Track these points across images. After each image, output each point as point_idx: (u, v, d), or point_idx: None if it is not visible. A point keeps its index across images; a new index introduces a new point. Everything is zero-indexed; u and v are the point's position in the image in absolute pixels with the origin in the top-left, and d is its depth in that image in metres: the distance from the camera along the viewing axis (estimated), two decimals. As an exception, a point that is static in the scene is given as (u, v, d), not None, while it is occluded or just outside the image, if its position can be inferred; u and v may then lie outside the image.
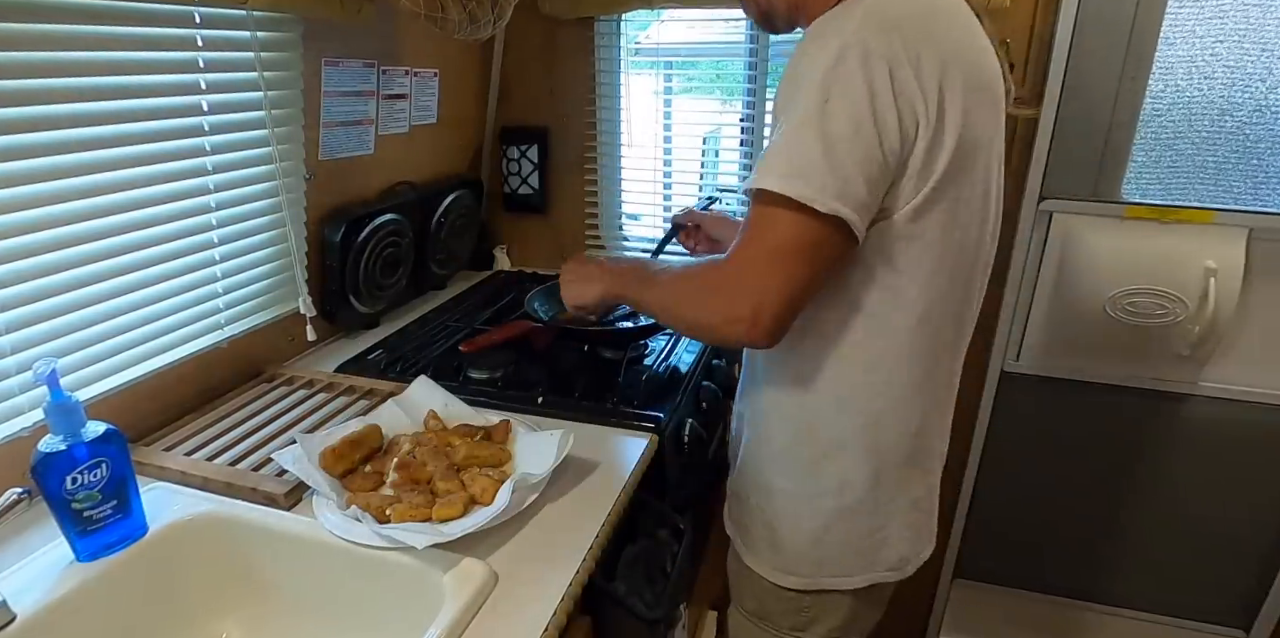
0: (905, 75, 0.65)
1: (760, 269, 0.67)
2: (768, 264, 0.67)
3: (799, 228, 0.65)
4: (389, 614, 0.76)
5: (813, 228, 0.65)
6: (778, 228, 0.66)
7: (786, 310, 0.67)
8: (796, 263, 0.66)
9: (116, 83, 0.86)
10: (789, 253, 0.66)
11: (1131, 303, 1.38)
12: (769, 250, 0.67)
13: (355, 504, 0.78)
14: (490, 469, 0.86)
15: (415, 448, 0.88)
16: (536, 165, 1.65)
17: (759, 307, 0.66)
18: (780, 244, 0.66)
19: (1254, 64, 1.29)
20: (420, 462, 0.85)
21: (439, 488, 0.81)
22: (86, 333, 0.88)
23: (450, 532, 0.73)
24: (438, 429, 0.93)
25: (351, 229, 1.22)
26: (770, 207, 0.66)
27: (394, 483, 0.83)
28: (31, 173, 0.79)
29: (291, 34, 1.08)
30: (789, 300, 0.67)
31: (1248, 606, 1.62)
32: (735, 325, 0.68)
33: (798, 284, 0.67)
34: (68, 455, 0.69)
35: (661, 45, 1.63)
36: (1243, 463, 1.51)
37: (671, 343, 1.28)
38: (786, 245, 0.66)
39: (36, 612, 0.67)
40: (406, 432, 0.92)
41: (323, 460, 0.84)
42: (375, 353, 1.23)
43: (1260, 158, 1.33)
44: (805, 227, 0.65)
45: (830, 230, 0.66)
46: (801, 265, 0.66)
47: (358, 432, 0.89)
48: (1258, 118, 1.31)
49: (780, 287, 0.66)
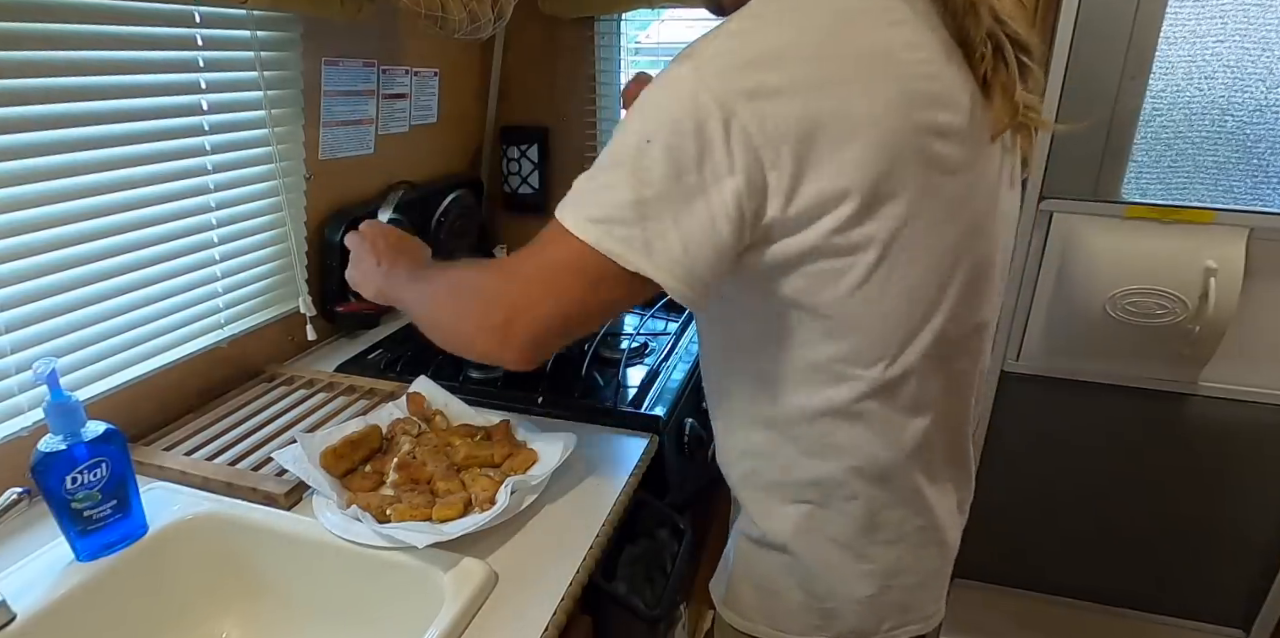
0: (755, 117, 0.54)
1: (529, 278, 0.61)
2: (539, 277, 0.60)
3: (585, 258, 0.58)
4: (389, 614, 0.76)
5: (598, 262, 0.58)
6: (562, 248, 0.59)
7: (544, 330, 0.61)
8: (571, 285, 0.59)
9: (116, 82, 0.86)
10: (565, 272, 0.59)
11: (1131, 303, 1.38)
12: (545, 264, 0.60)
13: (355, 504, 0.78)
14: (490, 469, 0.86)
15: (415, 448, 0.88)
16: (536, 165, 1.65)
17: (513, 317, 0.61)
18: (559, 261, 0.59)
19: (1254, 64, 1.29)
20: (420, 462, 0.85)
21: (439, 488, 0.81)
22: (86, 332, 0.88)
23: (450, 531, 0.73)
24: (439, 429, 0.93)
25: (351, 229, 1.21)
26: (564, 232, 0.58)
27: (394, 483, 0.83)
28: (31, 172, 0.79)
29: (291, 33, 1.08)
30: (549, 318, 0.60)
31: (1248, 606, 1.62)
32: (486, 334, 0.62)
33: (567, 305, 0.60)
34: (68, 455, 0.69)
35: (662, 45, 1.63)
36: (1243, 463, 1.51)
37: (672, 343, 1.28)
38: (567, 265, 0.59)
39: (36, 612, 0.67)
40: (411, 431, 0.92)
41: (323, 460, 0.84)
42: (375, 353, 1.23)
43: (1260, 158, 1.33)
44: (592, 258, 0.58)
45: (626, 278, 0.58)
46: (575, 288, 0.59)
47: (358, 432, 0.89)
48: (1258, 118, 1.31)
49: (544, 300, 0.60)
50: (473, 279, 0.68)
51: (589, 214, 0.58)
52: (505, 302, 0.62)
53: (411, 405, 0.97)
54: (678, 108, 0.55)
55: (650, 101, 0.57)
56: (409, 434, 0.91)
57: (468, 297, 0.67)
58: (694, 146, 0.55)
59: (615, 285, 0.59)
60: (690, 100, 0.54)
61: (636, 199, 0.56)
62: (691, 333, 1.34)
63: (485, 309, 0.63)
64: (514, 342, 0.61)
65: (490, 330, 0.62)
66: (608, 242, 0.57)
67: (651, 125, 0.56)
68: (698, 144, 0.54)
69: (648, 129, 0.56)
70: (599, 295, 0.60)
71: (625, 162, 0.57)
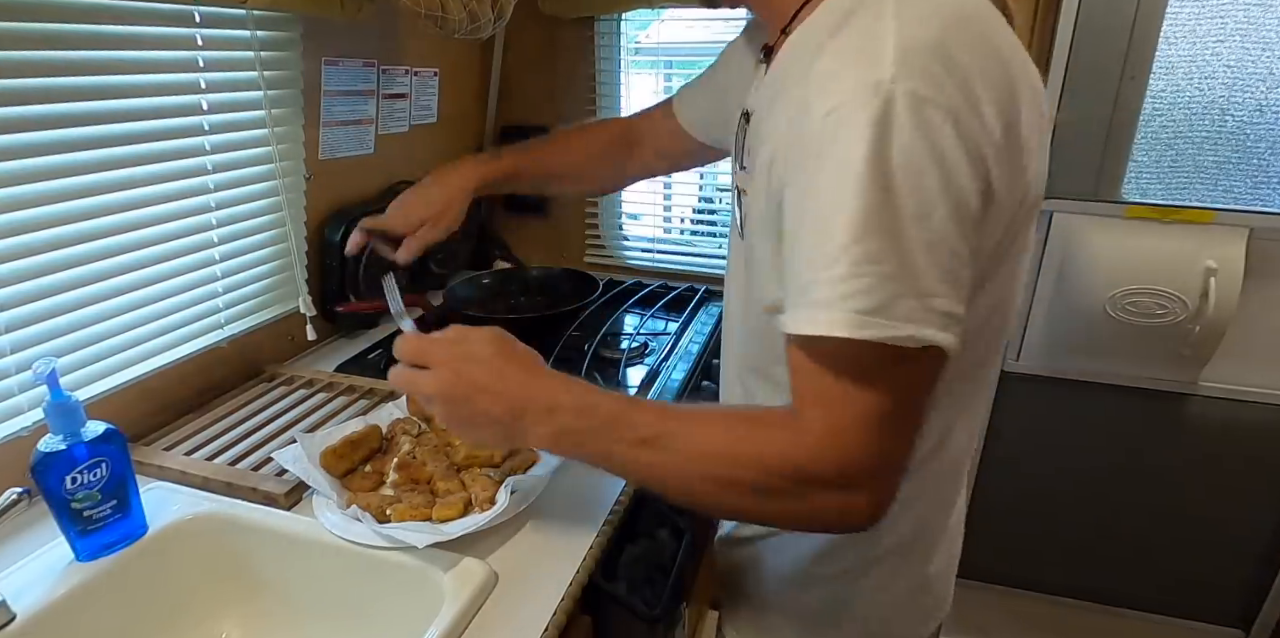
0: (972, 125, 0.49)
1: (865, 443, 0.51)
2: (875, 435, 0.51)
3: (895, 379, 0.50)
4: (389, 614, 0.76)
5: (913, 370, 0.50)
6: (868, 386, 0.50)
7: (903, 475, 0.53)
8: (906, 418, 0.52)
9: (116, 82, 0.86)
10: (895, 412, 0.51)
11: (1132, 303, 1.38)
12: (868, 417, 0.50)
13: (355, 504, 0.78)
14: (491, 469, 0.85)
15: (415, 448, 0.88)
16: (536, 165, 1.65)
17: (880, 491, 0.52)
18: (878, 406, 0.50)
19: (1254, 64, 1.29)
20: (420, 462, 0.85)
21: (439, 488, 0.81)
22: (86, 332, 0.88)
23: (450, 532, 0.73)
24: (439, 428, 0.93)
25: (351, 229, 1.22)
26: (846, 360, 0.50)
27: (394, 483, 0.83)
28: (30, 172, 0.79)
29: (291, 33, 1.08)
30: (906, 462, 0.53)
31: (1248, 606, 1.62)
32: (852, 519, 0.54)
33: (910, 439, 0.53)
34: (67, 455, 0.69)
35: (662, 45, 1.63)
36: (1243, 463, 1.51)
37: (672, 342, 1.28)
38: (887, 405, 0.50)
39: (36, 612, 0.67)
40: (410, 431, 0.92)
41: (323, 460, 0.84)
42: (375, 353, 1.23)
43: (1260, 158, 1.33)
44: (902, 372, 0.50)
45: (930, 359, 0.50)
46: (912, 417, 0.52)
47: (358, 432, 0.89)
48: (1258, 118, 1.31)
49: (895, 454, 0.52)
50: (791, 459, 0.53)
51: (856, 305, 0.49)
52: (858, 481, 0.52)
53: (411, 405, 0.97)
54: (898, 137, 0.50)
55: (852, 136, 0.50)
56: (409, 434, 0.91)
57: (802, 485, 0.53)
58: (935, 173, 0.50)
59: (932, 375, 0.52)
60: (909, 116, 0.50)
61: (902, 262, 0.49)
62: (692, 333, 1.34)
63: (844, 498, 0.52)
64: (881, 510, 0.53)
65: (855, 517, 0.53)
66: (895, 330, 0.48)
67: (876, 172, 0.49)
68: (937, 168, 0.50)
69: (877, 176, 0.49)
70: (928, 393, 0.53)
71: (871, 224, 0.48)
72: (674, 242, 1.71)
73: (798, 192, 0.52)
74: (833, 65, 0.51)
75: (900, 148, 0.47)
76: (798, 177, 0.52)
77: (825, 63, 0.52)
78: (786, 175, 0.53)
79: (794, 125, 0.52)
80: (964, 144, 0.48)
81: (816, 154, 0.50)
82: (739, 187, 0.70)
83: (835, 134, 0.49)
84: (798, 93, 0.53)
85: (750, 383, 0.75)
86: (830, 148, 0.49)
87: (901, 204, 0.48)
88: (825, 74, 0.51)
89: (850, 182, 0.48)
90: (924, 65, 0.48)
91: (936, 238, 0.49)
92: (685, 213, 1.75)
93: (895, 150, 0.47)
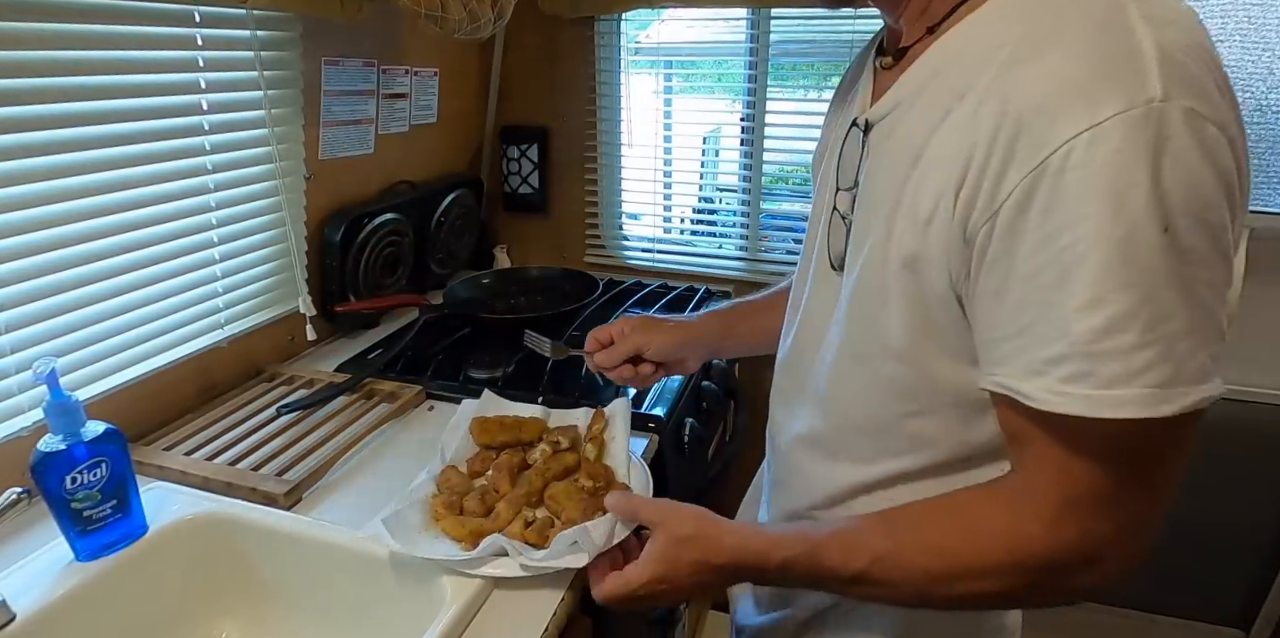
0: (1242, 144, 0.43)
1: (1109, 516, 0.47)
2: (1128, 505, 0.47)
3: (1180, 442, 0.45)
4: (389, 614, 0.76)
5: (1184, 436, 0.45)
6: (1138, 455, 0.45)
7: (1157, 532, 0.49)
8: (1174, 476, 0.47)
9: (116, 82, 0.86)
10: (1165, 477, 0.47)
11: (1132, 303, 1.38)
12: (1126, 486, 0.46)
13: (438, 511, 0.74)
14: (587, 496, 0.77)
15: (539, 463, 0.81)
16: (536, 165, 1.65)
17: (1129, 558, 0.49)
18: (1148, 474, 0.47)
19: (1254, 64, 1.29)
20: (506, 478, 0.79)
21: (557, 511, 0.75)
22: (86, 332, 0.88)
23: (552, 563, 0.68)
24: (582, 458, 0.84)
25: (351, 229, 1.22)
26: (1123, 438, 0.44)
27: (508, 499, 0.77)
28: (30, 172, 0.79)
29: (291, 33, 1.08)
30: (1160, 522, 0.49)
31: (1248, 606, 1.62)
32: (1101, 585, 0.51)
33: (1170, 496, 0.48)
34: (67, 455, 0.69)
35: (662, 45, 1.63)
36: (1243, 463, 1.51)
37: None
38: (1161, 474, 0.47)
39: (36, 611, 0.66)
40: (558, 444, 0.84)
41: (473, 425, 0.84)
42: (375, 352, 1.23)
43: (1260, 158, 1.33)
44: (1172, 437, 0.45)
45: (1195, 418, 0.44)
46: (1175, 477, 0.47)
47: (521, 418, 0.86)
48: (1258, 118, 1.31)
49: (1154, 518, 0.49)
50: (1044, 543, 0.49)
51: (1149, 379, 0.42)
52: (1114, 556, 0.49)
53: (593, 422, 0.89)
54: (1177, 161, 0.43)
55: (1098, 158, 0.42)
56: (553, 445, 0.84)
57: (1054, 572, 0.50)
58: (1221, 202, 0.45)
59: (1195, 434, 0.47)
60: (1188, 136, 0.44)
61: (1191, 317, 0.42)
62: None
63: (1097, 571, 0.49)
64: (1129, 568, 0.50)
65: (1103, 580, 0.50)
66: (1189, 398, 0.43)
67: (1154, 206, 0.42)
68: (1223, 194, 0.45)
69: (1152, 209, 0.42)
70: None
71: (1153, 273, 0.41)
72: (674, 242, 1.72)
73: (1033, 234, 0.43)
74: (1059, 74, 0.42)
75: (1180, 181, 0.40)
76: (1024, 216, 0.43)
77: (1040, 69, 0.43)
78: (992, 209, 0.44)
79: (996, 148, 0.44)
80: (1236, 164, 0.43)
81: (1061, 192, 0.41)
82: (839, 211, 0.61)
83: (1095, 168, 0.40)
84: (989, 107, 0.44)
85: (827, 449, 0.65)
86: (1089, 184, 0.41)
87: (1189, 248, 0.41)
88: (1051, 88, 0.42)
89: (1128, 227, 0.40)
90: (1193, 75, 0.41)
91: (1219, 278, 0.42)
92: (685, 213, 1.76)
93: (1176, 183, 0.40)
